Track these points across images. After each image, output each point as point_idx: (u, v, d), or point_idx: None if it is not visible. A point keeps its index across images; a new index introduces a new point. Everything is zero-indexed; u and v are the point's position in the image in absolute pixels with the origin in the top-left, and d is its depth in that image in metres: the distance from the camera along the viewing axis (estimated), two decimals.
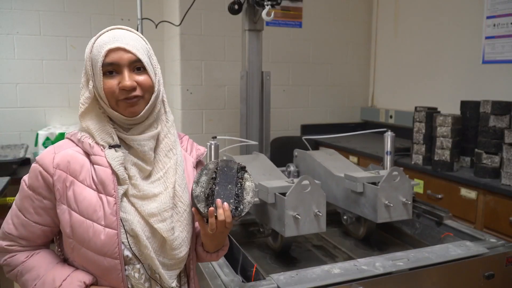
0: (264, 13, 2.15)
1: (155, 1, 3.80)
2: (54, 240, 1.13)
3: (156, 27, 2.69)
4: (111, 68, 1.01)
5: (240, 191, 1.06)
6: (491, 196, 2.22)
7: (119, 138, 1.05)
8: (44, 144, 3.28)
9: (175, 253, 1.06)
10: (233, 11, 2.35)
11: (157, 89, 1.06)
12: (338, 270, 1.34)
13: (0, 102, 3.48)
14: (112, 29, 1.05)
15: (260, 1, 2.19)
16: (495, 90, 2.88)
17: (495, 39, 2.87)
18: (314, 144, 3.65)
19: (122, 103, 1.02)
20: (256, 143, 2.16)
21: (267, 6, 2.16)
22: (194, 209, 1.05)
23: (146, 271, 1.06)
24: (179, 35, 3.43)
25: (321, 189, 1.62)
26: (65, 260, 1.09)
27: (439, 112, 2.66)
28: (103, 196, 1.00)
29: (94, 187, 1.01)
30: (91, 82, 1.03)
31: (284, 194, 1.58)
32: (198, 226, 1.15)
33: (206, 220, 1.05)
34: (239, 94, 2.47)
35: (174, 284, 1.08)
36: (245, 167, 1.09)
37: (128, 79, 1.00)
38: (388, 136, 2.02)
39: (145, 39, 1.09)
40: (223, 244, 1.18)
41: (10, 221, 1.07)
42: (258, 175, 1.86)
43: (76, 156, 1.03)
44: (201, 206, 1.03)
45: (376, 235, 2.02)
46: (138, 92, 1.02)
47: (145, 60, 1.02)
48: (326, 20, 3.98)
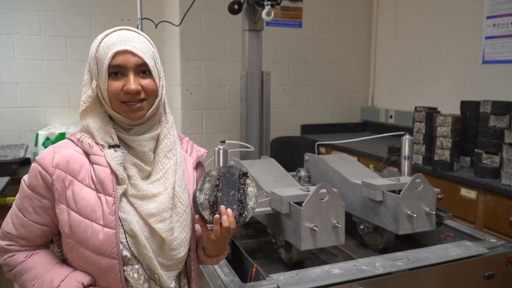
0: (264, 13, 2.15)
1: (155, 1, 3.80)
2: (53, 240, 1.13)
3: (156, 27, 2.69)
4: (116, 70, 1.00)
5: (243, 197, 1.06)
6: (491, 196, 2.22)
7: (119, 138, 1.05)
8: (44, 144, 3.28)
9: (174, 253, 1.06)
10: (233, 11, 2.35)
11: (160, 93, 1.06)
12: (338, 270, 1.33)
13: (0, 102, 3.48)
14: (120, 29, 1.05)
15: (260, 1, 2.19)
16: (495, 90, 2.88)
17: (495, 39, 2.87)
18: (314, 143, 3.64)
19: (124, 106, 1.02)
20: (252, 148, 2.04)
21: (267, 6, 2.16)
22: (198, 216, 1.05)
23: (145, 271, 1.05)
24: (179, 35, 3.43)
25: (339, 198, 1.51)
26: (64, 261, 1.09)
27: (439, 112, 2.66)
28: (102, 195, 1.00)
29: (93, 186, 1.01)
30: (94, 81, 1.03)
31: (299, 204, 1.48)
32: (199, 230, 1.16)
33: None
34: (239, 94, 2.47)
35: (172, 285, 1.08)
36: (247, 172, 1.09)
37: (133, 83, 1.00)
38: (406, 139, 1.87)
39: (151, 41, 1.08)
40: (224, 249, 1.18)
41: (10, 220, 1.07)
42: (269, 182, 1.75)
43: (76, 156, 1.03)
44: (206, 214, 1.03)
45: (395, 246, 1.86)
46: (142, 95, 1.02)
47: (151, 64, 1.02)
48: (326, 20, 3.99)
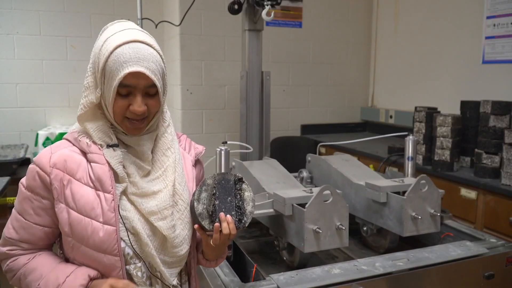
0: (264, 13, 2.15)
1: (155, 1, 3.80)
2: (56, 241, 1.13)
3: (156, 27, 2.69)
4: (126, 91, 0.99)
5: (240, 202, 1.07)
6: (491, 196, 2.22)
7: (117, 138, 1.06)
8: (44, 144, 3.29)
9: (176, 250, 1.06)
10: (233, 11, 2.35)
11: (161, 106, 1.07)
12: (338, 270, 1.34)
13: (0, 102, 3.48)
14: (134, 41, 0.98)
15: (260, 1, 2.18)
16: (495, 90, 2.88)
17: (495, 39, 2.87)
18: (314, 144, 3.64)
19: (127, 123, 1.03)
20: (251, 149, 2.02)
21: (267, 6, 2.16)
22: (197, 226, 1.05)
23: (147, 269, 1.06)
24: (179, 35, 3.43)
25: (343, 200, 1.49)
26: (66, 260, 1.09)
27: (439, 112, 2.66)
28: (100, 193, 1.00)
29: (92, 184, 1.01)
30: (99, 90, 1.01)
31: (302, 205, 1.45)
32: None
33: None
34: (239, 94, 2.47)
35: (175, 282, 1.09)
36: (242, 178, 1.10)
37: (140, 104, 1.00)
38: (410, 140, 1.87)
39: (161, 53, 1.04)
40: (223, 252, 1.19)
41: (10, 225, 1.06)
42: (271, 183, 1.73)
43: (73, 156, 1.03)
44: (205, 223, 1.04)
45: (399, 249, 1.83)
46: (145, 115, 1.03)
47: (159, 85, 1.01)
48: (326, 20, 3.99)
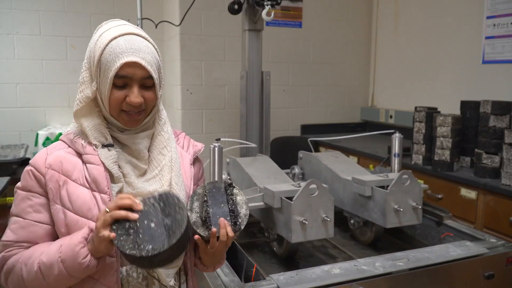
0: (264, 13, 2.15)
1: (155, 1, 3.80)
2: None
3: (156, 27, 2.69)
4: (122, 82, 0.99)
5: (233, 206, 1.08)
6: (491, 196, 2.22)
7: (112, 137, 1.05)
8: (44, 144, 3.29)
9: None
10: (233, 11, 2.35)
11: (158, 101, 1.07)
12: (338, 270, 1.33)
13: (0, 102, 3.48)
14: (128, 33, 1.00)
15: (260, 1, 2.18)
16: (495, 90, 2.88)
17: (495, 39, 2.87)
18: (314, 144, 3.65)
19: (124, 115, 1.03)
20: (255, 145, 2.10)
21: (267, 6, 2.15)
22: (197, 236, 1.04)
23: (144, 270, 1.06)
24: (179, 35, 3.43)
25: (329, 193, 1.57)
26: None
27: (439, 112, 2.66)
28: (96, 194, 1.00)
29: (88, 185, 1.01)
30: (95, 84, 1.01)
31: (290, 199, 1.53)
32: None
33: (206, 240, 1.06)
34: (239, 94, 2.47)
35: (172, 282, 1.08)
36: (232, 183, 1.11)
37: (137, 96, 1.00)
38: (396, 137, 1.95)
39: (156, 47, 1.05)
40: (221, 258, 1.18)
41: (7, 230, 1.03)
42: (263, 178, 1.81)
43: (69, 158, 1.03)
44: (201, 231, 1.04)
45: (385, 240, 1.97)
46: (142, 107, 1.03)
47: (155, 77, 1.02)
48: (326, 20, 3.99)
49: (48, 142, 3.28)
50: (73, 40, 3.62)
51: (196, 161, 1.22)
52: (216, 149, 1.64)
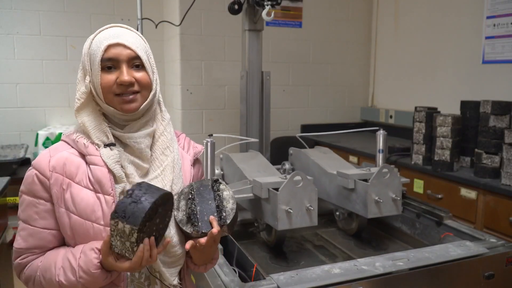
0: (264, 13, 2.15)
1: (155, 1, 3.80)
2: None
3: (156, 27, 2.69)
4: (110, 64, 1.01)
5: (220, 202, 1.08)
6: (491, 196, 2.22)
7: (114, 136, 1.05)
8: (44, 144, 3.29)
9: (174, 250, 1.07)
10: (233, 11, 2.35)
11: (154, 87, 1.07)
12: (338, 270, 1.33)
13: (0, 102, 3.49)
14: (112, 26, 1.06)
15: (260, 1, 2.19)
16: (495, 90, 2.89)
17: (495, 39, 2.87)
18: (314, 144, 3.65)
19: (118, 99, 1.02)
20: (256, 140, 2.18)
21: (267, 6, 2.16)
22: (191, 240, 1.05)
23: (146, 269, 1.06)
24: (179, 35, 3.43)
25: (313, 184, 1.66)
26: None
27: (439, 112, 2.66)
28: (100, 195, 1.00)
29: (91, 187, 1.01)
30: (87, 77, 1.03)
31: (277, 190, 1.62)
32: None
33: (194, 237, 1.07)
34: (239, 94, 2.47)
35: (175, 281, 1.09)
36: (218, 179, 1.12)
37: (126, 74, 1.01)
38: (380, 134, 2.05)
39: (144, 38, 1.09)
40: (212, 258, 1.17)
41: (18, 237, 1.05)
42: (253, 172, 1.91)
43: (72, 159, 1.02)
44: (187, 228, 1.05)
45: (368, 231, 2.07)
46: (135, 87, 1.02)
47: (143, 57, 1.03)
48: (326, 20, 3.99)
49: (48, 142, 3.28)
50: (73, 40, 3.62)
51: (196, 162, 1.23)
52: (208, 144, 1.74)
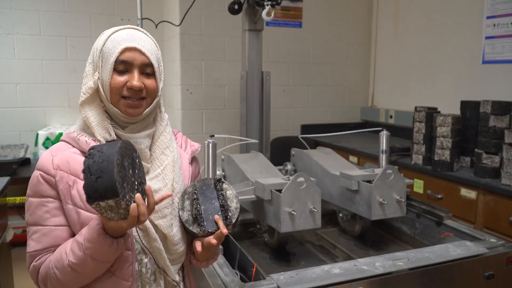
0: (264, 13, 2.15)
1: (155, 1, 3.80)
2: None
3: (156, 27, 2.69)
4: (122, 67, 1.02)
5: (224, 201, 1.09)
6: (491, 196, 2.22)
7: (115, 135, 1.06)
8: (44, 144, 3.29)
9: (176, 248, 1.09)
10: (233, 11, 2.35)
11: (159, 94, 1.09)
12: (338, 270, 1.33)
13: (0, 102, 3.49)
14: (129, 28, 1.07)
15: (260, 1, 2.19)
16: (495, 90, 2.89)
17: (495, 39, 2.87)
18: (314, 144, 3.65)
19: (124, 102, 1.03)
20: (256, 141, 2.16)
21: (267, 6, 2.16)
22: (197, 239, 1.06)
23: (152, 265, 1.08)
24: (179, 35, 3.43)
25: (316, 186, 1.63)
26: None
27: (439, 112, 2.66)
28: None
29: None
30: (97, 73, 1.04)
31: (280, 191, 1.59)
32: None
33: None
34: (239, 94, 2.47)
35: (177, 278, 1.12)
36: (221, 179, 1.13)
37: (137, 80, 1.02)
38: (384, 135, 2.03)
39: (157, 44, 1.11)
40: (214, 253, 1.18)
41: (30, 241, 1.03)
42: (255, 173, 1.88)
43: (75, 157, 1.03)
44: (194, 228, 1.06)
45: (372, 233, 2.04)
46: (143, 94, 1.04)
47: (155, 65, 1.05)
48: (326, 20, 3.99)
49: (48, 142, 3.28)
50: (73, 40, 3.62)
51: (193, 160, 1.25)
52: (210, 145, 1.70)
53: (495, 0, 2.86)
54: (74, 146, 1.06)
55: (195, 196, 1.09)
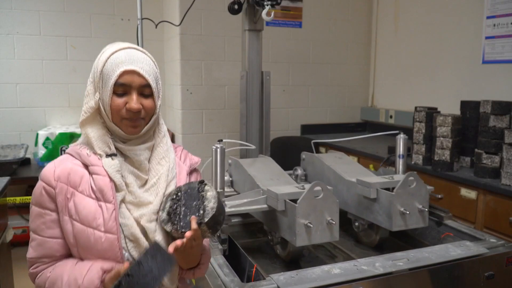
0: (264, 13, 2.15)
1: (155, 1, 3.80)
2: None
3: (156, 27, 2.69)
4: (122, 89, 1.05)
5: (201, 202, 1.10)
6: (491, 196, 2.22)
7: (116, 148, 1.10)
8: (44, 144, 3.28)
9: None
10: (233, 11, 2.35)
11: (157, 112, 1.12)
12: (338, 270, 1.33)
13: (0, 102, 3.49)
14: (127, 48, 1.08)
15: (260, 1, 2.18)
16: (495, 90, 2.89)
17: (495, 39, 2.87)
18: (315, 144, 3.64)
19: (125, 122, 1.08)
20: (254, 147, 2.09)
21: (267, 6, 2.15)
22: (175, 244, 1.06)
23: None
24: (179, 35, 3.43)
25: (334, 195, 1.53)
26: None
27: (439, 112, 2.66)
28: (102, 203, 1.04)
29: (93, 195, 1.05)
30: (97, 94, 1.07)
31: (294, 201, 1.49)
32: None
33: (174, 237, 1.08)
34: (239, 94, 2.47)
35: (174, 286, 1.12)
36: (203, 181, 1.15)
37: (135, 102, 1.05)
38: (401, 138, 1.91)
39: (155, 62, 1.13)
40: (197, 263, 1.17)
41: (30, 247, 1.10)
42: (266, 180, 1.77)
43: (76, 169, 1.07)
44: (167, 227, 1.07)
45: (390, 243, 1.92)
46: (142, 114, 1.08)
47: (153, 86, 1.08)
48: (326, 20, 3.99)
49: (48, 142, 3.28)
50: (73, 40, 3.62)
51: (193, 172, 1.27)
52: (218, 150, 1.62)
53: (495, 0, 2.86)
54: (76, 158, 1.10)
55: (175, 196, 1.11)
